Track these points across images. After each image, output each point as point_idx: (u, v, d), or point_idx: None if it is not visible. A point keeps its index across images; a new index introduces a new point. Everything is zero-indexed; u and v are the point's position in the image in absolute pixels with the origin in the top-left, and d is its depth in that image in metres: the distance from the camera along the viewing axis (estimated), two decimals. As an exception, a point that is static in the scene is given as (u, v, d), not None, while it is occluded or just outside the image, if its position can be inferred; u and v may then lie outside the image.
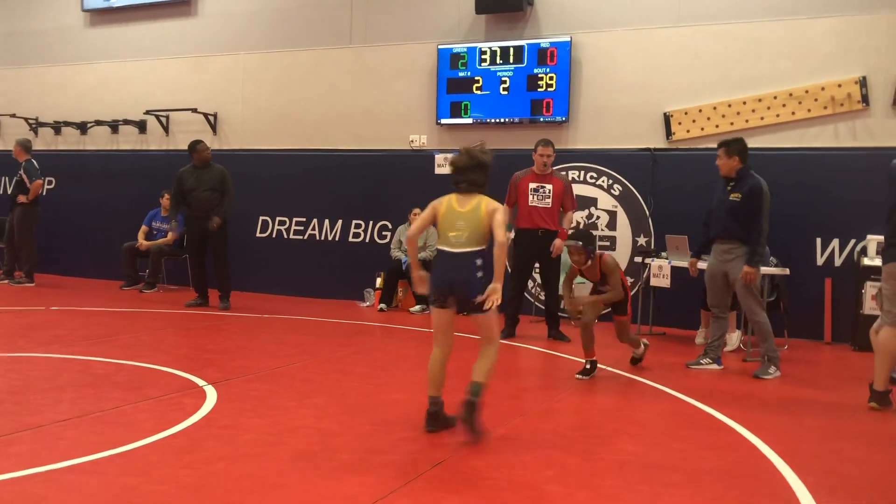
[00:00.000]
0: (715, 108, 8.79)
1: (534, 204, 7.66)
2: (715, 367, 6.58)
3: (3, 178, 12.85)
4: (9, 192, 11.77)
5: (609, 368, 6.39)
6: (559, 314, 7.90)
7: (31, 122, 12.68)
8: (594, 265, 6.07)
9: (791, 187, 8.25)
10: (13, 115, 12.72)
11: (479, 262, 4.18)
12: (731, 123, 8.70)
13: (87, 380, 5.31)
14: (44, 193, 11.05)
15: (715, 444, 4.37)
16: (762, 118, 8.60)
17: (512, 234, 7.68)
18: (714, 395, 5.55)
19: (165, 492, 3.27)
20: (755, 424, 4.73)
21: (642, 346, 6.51)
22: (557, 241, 7.58)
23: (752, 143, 8.54)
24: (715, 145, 6.73)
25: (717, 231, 6.52)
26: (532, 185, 7.69)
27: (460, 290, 4.21)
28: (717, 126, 8.77)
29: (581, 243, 5.91)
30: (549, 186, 7.69)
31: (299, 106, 10.88)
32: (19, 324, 7.72)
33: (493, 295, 4.08)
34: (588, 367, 6.05)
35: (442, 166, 10.06)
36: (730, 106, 8.73)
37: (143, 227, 10.78)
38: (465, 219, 4.22)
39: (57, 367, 5.73)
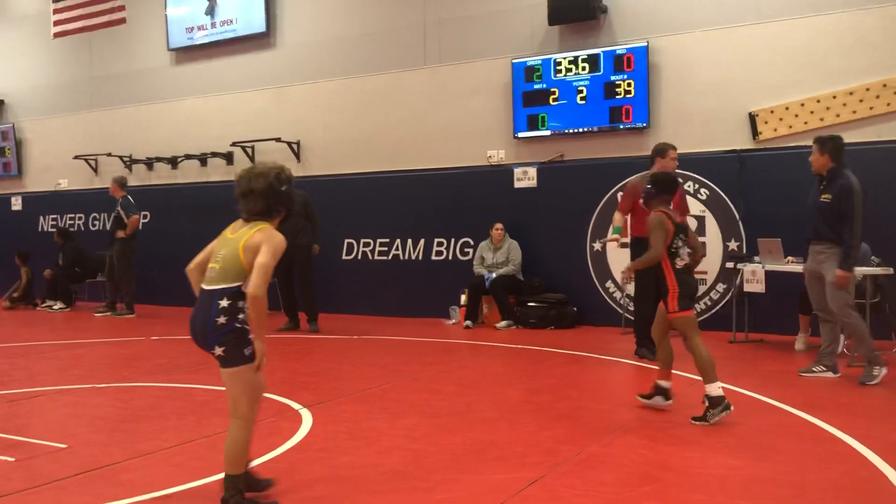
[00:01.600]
0: (803, 104, 8.49)
1: None
2: (829, 374, 6.27)
3: (102, 215, 13.51)
4: (107, 228, 12.41)
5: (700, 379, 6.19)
6: None
7: (125, 159, 13.31)
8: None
9: (891, 182, 7.86)
10: (109, 154, 13.38)
11: (223, 303, 3.30)
12: (822, 119, 8.38)
13: (189, 407, 5.51)
14: (140, 227, 11.55)
15: (821, 455, 4.18)
16: (854, 112, 8.24)
17: (623, 239, 7.46)
18: (817, 404, 5.31)
19: (268, 516, 3.35)
20: (863, 434, 4.51)
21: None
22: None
23: (846, 137, 8.24)
24: (805, 143, 6.50)
25: (809, 232, 6.28)
26: None
27: (196, 337, 3.39)
28: (805, 123, 8.46)
29: (650, 186, 5.18)
30: None
31: (378, 129, 11.06)
32: (123, 354, 8.08)
33: (259, 357, 3.37)
34: (654, 391, 5.20)
35: (521, 180, 10.05)
36: (819, 101, 8.41)
37: None
38: (226, 247, 3.39)
39: (160, 395, 5.97)
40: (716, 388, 4.87)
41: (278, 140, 11.63)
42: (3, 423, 5.08)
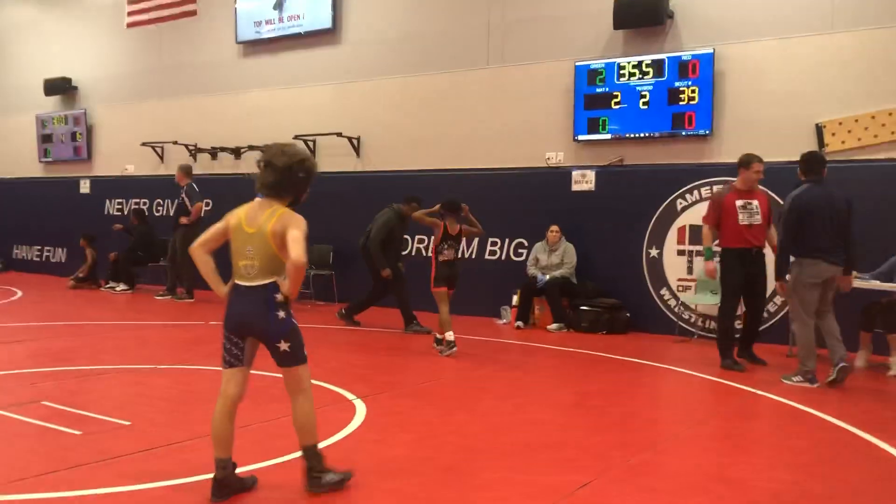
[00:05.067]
0: (873, 117, 8.28)
1: (744, 222, 7.15)
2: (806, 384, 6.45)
3: (165, 201, 13.88)
4: (171, 214, 12.74)
5: (757, 391, 6.12)
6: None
7: (190, 148, 13.65)
8: None
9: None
10: (175, 143, 13.73)
11: (278, 297, 3.50)
12: (893, 133, 8.16)
13: (247, 392, 5.64)
14: (203, 215, 11.83)
15: (883, 475, 4.10)
16: (927, 126, 8.02)
17: (718, 253, 7.34)
18: (877, 423, 5.19)
19: (327, 501, 3.44)
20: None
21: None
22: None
23: (917, 153, 8.07)
24: (875, 157, 6.38)
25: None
26: (738, 203, 7.19)
27: (253, 330, 3.59)
28: (875, 136, 8.25)
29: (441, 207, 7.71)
30: (755, 202, 7.24)
31: (438, 127, 11.13)
32: (183, 338, 8.31)
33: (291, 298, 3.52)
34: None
35: (579, 183, 10.02)
36: (890, 115, 8.19)
37: None
38: (252, 241, 3.51)
39: (218, 379, 6.11)
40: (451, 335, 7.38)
41: (339, 135, 11.79)
42: (70, 397, 5.30)
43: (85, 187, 15.29)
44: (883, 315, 7.21)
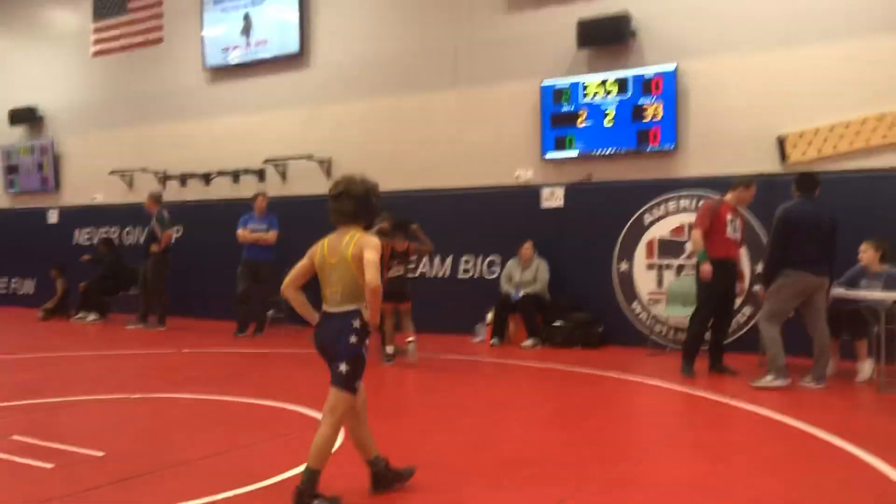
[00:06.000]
0: (832, 128, 8.49)
1: (729, 235, 7.45)
2: (814, 385, 6.73)
3: (136, 229, 13.76)
4: (141, 241, 12.63)
5: (730, 401, 6.20)
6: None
7: (159, 175, 13.57)
8: None
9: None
10: (144, 170, 13.65)
11: (356, 323, 3.65)
12: (851, 144, 8.37)
13: (222, 418, 5.61)
14: (173, 242, 11.74)
15: (855, 481, 4.17)
16: (884, 137, 8.23)
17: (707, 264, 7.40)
18: (847, 429, 5.28)
19: (302, 526, 3.42)
20: None
21: None
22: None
23: (876, 162, 8.29)
24: (835, 168, 6.54)
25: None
26: (728, 217, 7.48)
27: (325, 349, 3.76)
28: (835, 147, 8.45)
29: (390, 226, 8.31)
30: (738, 220, 7.60)
31: (408, 148, 11.19)
32: (155, 366, 8.23)
33: (372, 326, 3.72)
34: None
35: (549, 200, 10.12)
36: (848, 126, 8.41)
37: (243, 230, 10.68)
38: (336, 270, 3.69)
39: (192, 406, 6.08)
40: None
41: (310, 158, 11.80)
42: (40, 430, 5.22)
43: (53, 217, 15.11)
44: (849, 322, 7.36)
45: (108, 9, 14.28)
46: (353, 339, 3.63)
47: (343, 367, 3.66)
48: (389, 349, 8.23)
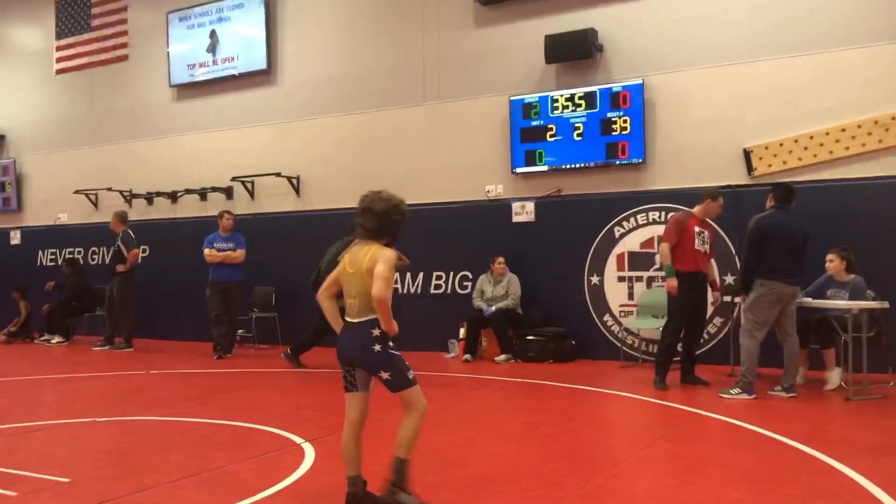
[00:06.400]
0: (796, 140, 8.63)
1: (698, 248, 7.51)
2: (784, 395, 6.86)
3: (101, 249, 13.54)
4: (107, 262, 12.44)
5: (702, 412, 6.23)
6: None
7: (125, 194, 13.37)
8: None
9: (885, 216, 7.99)
10: (109, 189, 13.45)
11: (375, 332, 3.78)
12: (815, 156, 8.51)
13: (192, 440, 5.51)
14: (139, 262, 11.57)
15: (827, 489, 4.20)
16: (847, 148, 8.38)
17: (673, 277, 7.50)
18: (819, 437, 5.34)
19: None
20: (864, 468, 4.53)
21: None
22: (716, 295, 7.93)
23: (839, 173, 8.43)
24: (799, 179, 6.65)
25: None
26: (696, 229, 7.55)
27: (356, 363, 3.90)
28: (800, 159, 8.59)
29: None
30: (706, 232, 7.65)
31: (377, 164, 11.15)
32: (123, 388, 8.07)
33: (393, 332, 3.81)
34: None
35: (519, 214, 10.14)
36: (812, 138, 8.55)
37: (210, 250, 10.42)
38: (353, 282, 3.83)
39: (162, 428, 5.96)
40: None
41: (278, 175, 11.72)
42: (3, 457, 5.08)
43: (16, 238, 14.83)
44: (817, 331, 7.45)
45: (71, 26, 14.11)
46: (376, 347, 3.76)
47: (386, 375, 3.80)
48: None
